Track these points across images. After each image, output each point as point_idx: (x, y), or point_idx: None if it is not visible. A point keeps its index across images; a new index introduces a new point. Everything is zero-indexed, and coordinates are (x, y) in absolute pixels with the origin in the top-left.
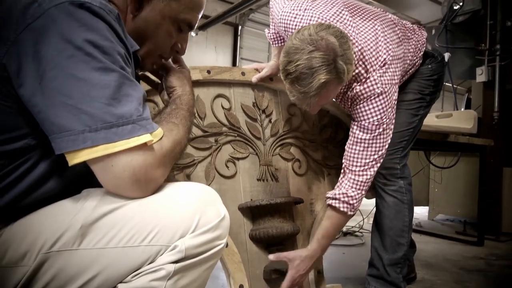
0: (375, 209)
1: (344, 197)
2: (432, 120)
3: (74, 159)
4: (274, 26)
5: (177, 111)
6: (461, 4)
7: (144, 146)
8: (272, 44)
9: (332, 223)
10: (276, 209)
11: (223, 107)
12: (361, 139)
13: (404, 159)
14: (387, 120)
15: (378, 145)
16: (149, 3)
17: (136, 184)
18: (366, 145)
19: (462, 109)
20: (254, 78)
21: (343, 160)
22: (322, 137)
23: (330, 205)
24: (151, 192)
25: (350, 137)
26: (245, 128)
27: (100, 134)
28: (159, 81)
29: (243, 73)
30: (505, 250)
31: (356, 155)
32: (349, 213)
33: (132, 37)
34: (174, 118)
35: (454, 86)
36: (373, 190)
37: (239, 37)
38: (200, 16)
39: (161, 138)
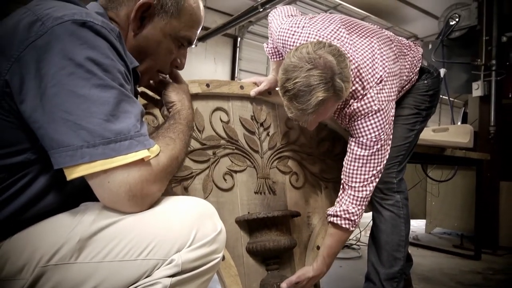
0: (371, 222)
1: (345, 214)
2: (429, 134)
3: (72, 174)
4: (273, 41)
5: (175, 125)
6: (457, 20)
7: (141, 162)
8: (271, 58)
9: (335, 240)
10: (273, 222)
11: (221, 120)
12: (359, 155)
13: (401, 174)
14: (385, 136)
15: (376, 161)
16: (150, 21)
17: (133, 200)
18: (364, 161)
19: (459, 123)
20: (253, 92)
21: (342, 176)
22: (319, 150)
23: (331, 222)
24: (148, 207)
25: (348, 153)
26: (243, 141)
27: (98, 149)
28: (158, 97)
29: (241, 87)
30: (503, 264)
31: (355, 171)
32: (351, 229)
33: (133, 54)
34: (172, 133)
35: (451, 99)
36: (370, 204)
37: (238, 49)
38: (199, 31)
39: (158, 154)
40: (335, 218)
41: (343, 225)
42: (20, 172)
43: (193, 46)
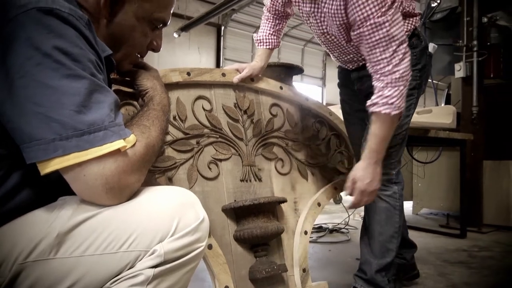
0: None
1: (381, 99)
2: (413, 116)
3: (46, 168)
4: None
5: (149, 112)
6: (438, 1)
7: (117, 152)
8: (258, 45)
9: (379, 127)
10: (260, 209)
11: (204, 109)
12: (378, 39)
13: (399, 164)
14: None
15: (393, 32)
16: (122, 7)
17: (110, 192)
18: (383, 40)
19: (443, 105)
20: (235, 79)
21: (370, 69)
22: (304, 136)
23: (372, 113)
24: (127, 199)
25: (365, 44)
26: (227, 129)
27: (71, 142)
28: (133, 90)
29: (223, 74)
30: (487, 241)
31: (379, 56)
32: (393, 113)
33: (108, 42)
34: (146, 120)
35: (435, 82)
36: None
37: (222, 38)
38: (171, 11)
39: (134, 143)
40: (373, 107)
41: (383, 111)
42: None
43: (177, 35)
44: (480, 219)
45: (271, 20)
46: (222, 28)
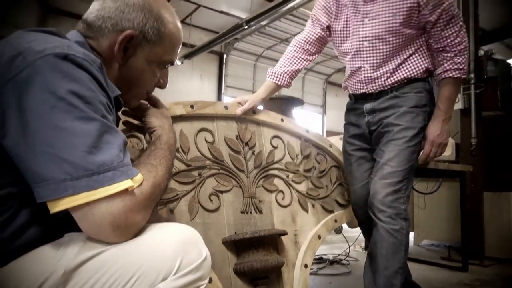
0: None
1: (453, 65)
2: None
3: (56, 207)
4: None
5: (156, 151)
6: None
7: (125, 192)
8: (268, 77)
9: (449, 90)
10: (260, 242)
11: (206, 141)
12: (452, 15)
13: (408, 199)
14: None
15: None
16: (134, 51)
17: (117, 230)
18: (456, 16)
19: None
20: (239, 111)
21: (436, 46)
22: (305, 168)
23: (444, 79)
24: (132, 236)
25: (441, 22)
26: (228, 161)
27: (81, 182)
28: (142, 124)
29: (226, 107)
30: (489, 275)
31: (451, 30)
32: (462, 76)
33: (119, 83)
34: (153, 160)
35: None
36: (372, 226)
37: (224, 65)
38: (179, 50)
39: (141, 183)
40: (446, 73)
41: (455, 75)
42: (2, 206)
43: (179, 63)
44: (482, 251)
45: (294, 60)
46: (225, 56)
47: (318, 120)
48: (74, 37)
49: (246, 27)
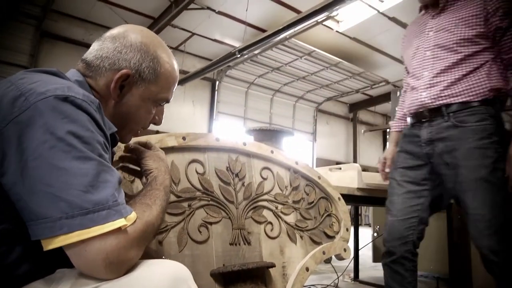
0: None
1: None
2: None
3: (50, 244)
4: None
5: (152, 192)
6: None
7: (118, 230)
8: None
9: None
10: (248, 274)
11: (197, 172)
12: None
13: None
14: None
15: None
16: (129, 89)
17: (110, 267)
18: None
19: None
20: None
21: (510, 57)
22: (294, 199)
23: None
24: (124, 273)
25: (509, 35)
26: (218, 192)
27: (76, 220)
28: (138, 168)
29: (217, 139)
30: None
31: None
32: None
33: (115, 119)
34: (148, 199)
35: None
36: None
37: (216, 92)
38: (174, 89)
39: (135, 221)
40: None
41: None
42: None
43: None
44: (469, 283)
45: (401, 105)
46: (217, 82)
47: (308, 147)
48: (74, 76)
49: (238, 55)
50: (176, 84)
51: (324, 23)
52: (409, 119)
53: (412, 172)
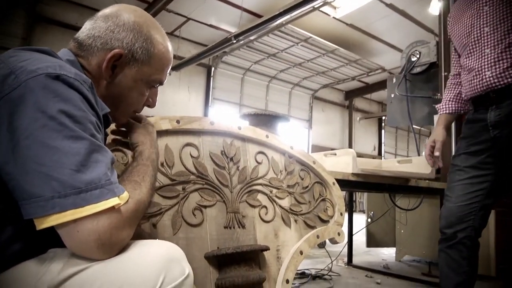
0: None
1: None
2: (394, 165)
3: (42, 224)
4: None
5: (139, 167)
6: (418, 56)
7: (110, 210)
8: (439, 111)
9: None
10: (242, 257)
11: (191, 156)
12: None
13: None
14: None
15: None
16: (121, 70)
17: (101, 248)
18: None
19: (423, 154)
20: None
21: None
22: (288, 183)
23: None
24: (116, 253)
25: None
26: (213, 176)
27: (68, 200)
28: (127, 140)
29: (212, 123)
30: None
31: None
32: None
33: (107, 100)
34: (136, 176)
35: (420, 128)
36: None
37: (212, 78)
38: (168, 71)
39: (127, 200)
40: None
41: None
42: None
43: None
44: None
45: (453, 87)
46: (212, 69)
47: (304, 135)
48: (66, 55)
49: (234, 41)
50: (170, 66)
51: (321, 9)
52: (471, 104)
53: (475, 157)
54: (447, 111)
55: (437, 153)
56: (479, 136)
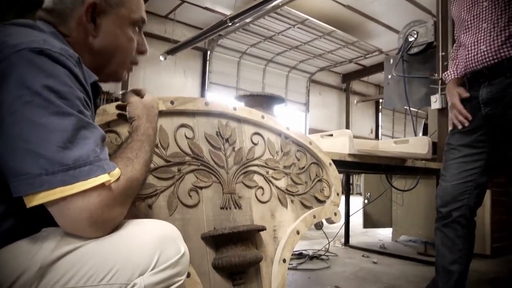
0: (342, 231)
1: None
2: (391, 146)
3: (32, 201)
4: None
5: (132, 144)
6: (415, 36)
7: (101, 187)
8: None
9: None
10: (239, 237)
11: (186, 137)
12: None
13: None
14: None
15: None
16: (101, 20)
17: (94, 226)
18: None
19: (420, 134)
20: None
21: None
22: (285, 164)
23: None
24: (109, 231)
25: None
26: (208, 157)
27: (57, 177)
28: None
29: (206, 103)
30: None
31: None
32: None
33: (100, 57)
34: (129, 153)
35: (416, 110)
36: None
37: (208, 62)
38: (145, 9)
39: (118, 177)
40: None
41: None
42: None
43: (163, 58)
44: None
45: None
46: (208, 52)
47: (301, 118)
48: (47, 28)
49: (230, 24)
50: (144, 3)
51: None
52: (466, 82)
53: (469, 136)
54: (455, 75)
55: (459, 116)
56: (472, 114)
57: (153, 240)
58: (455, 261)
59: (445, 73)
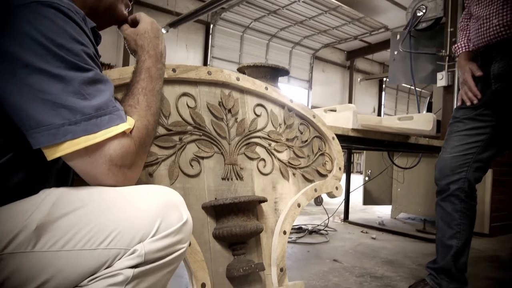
0: (342, 208)
1: None
2: (394, 122)
3: (55, 153)
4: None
5: (133, 88)
6: (424, 11)
7: (121, 135)
8: (456, 53)
9: None
10: (240, 208)
11: (188, 106)
12: None
13: None
14: None
15: None
16: None
17: (112, 171)
18: None
19: (424, 112)
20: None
21: None
22: (287, 137)
23: None
24: (131, 180)
25: None
26: (210, 127)
27: (80, 126)
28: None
29: (209, 72)
30: None
31: None
32: None
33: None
34: (131, 100)
35: (419, 89)
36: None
37: (210, 36)
38: None
39: (134, 126)
40: None
41: None
42: None
43: (165, 31)
44: None
45: (466, 28)
46: (211, 26)
47: (304, 95)
48: None
49: None
50: None
51: None
52: (479, 57)
53: (475, 109)
54: (466, 48)
55: (469, 93)
56: (482, 91)
57: (155, 205)
58: (453, 235)
59: (455, 45)
